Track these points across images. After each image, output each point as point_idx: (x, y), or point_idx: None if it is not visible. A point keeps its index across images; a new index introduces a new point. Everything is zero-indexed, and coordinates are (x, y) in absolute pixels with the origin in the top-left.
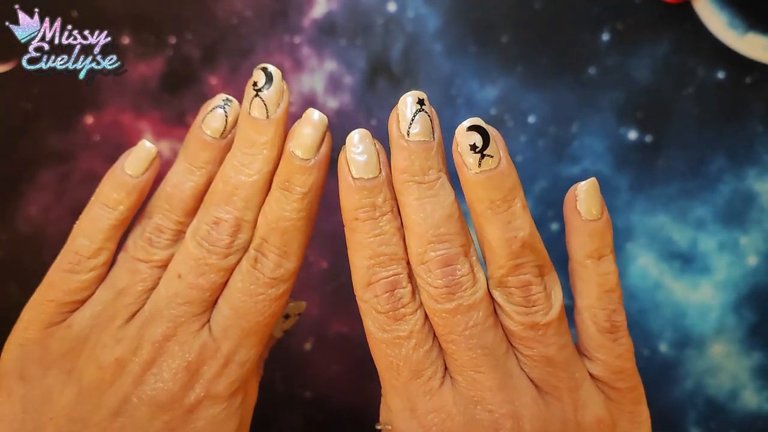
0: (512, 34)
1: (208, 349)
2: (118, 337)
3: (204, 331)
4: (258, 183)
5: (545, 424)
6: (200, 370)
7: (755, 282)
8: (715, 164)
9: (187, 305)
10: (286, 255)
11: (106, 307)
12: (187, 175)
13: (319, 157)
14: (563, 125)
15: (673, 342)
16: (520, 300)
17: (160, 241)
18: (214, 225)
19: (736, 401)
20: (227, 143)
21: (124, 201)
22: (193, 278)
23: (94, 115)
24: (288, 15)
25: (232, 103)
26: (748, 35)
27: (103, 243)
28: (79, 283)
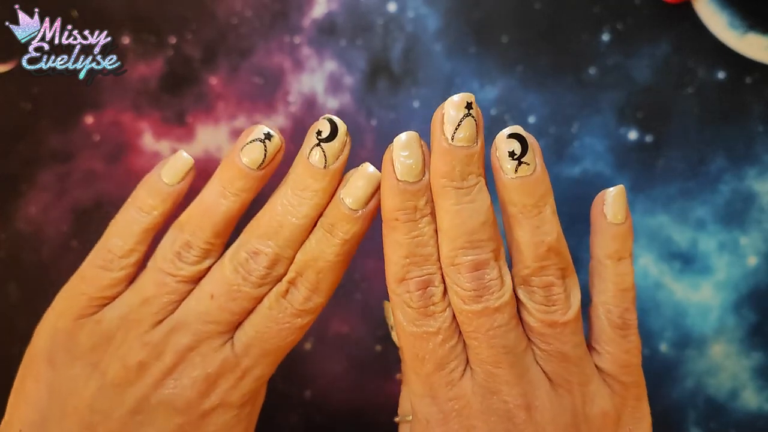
0: (512, 34)
1: (228, 363)
2: (144, 341)
3: (227, 346)
4: (303, 226)
5: (555, 414)
6: (218, 382)
7: (755, 282)
8: (715, 164)
9: (214, 324)
10: (316, 291)
11: (133, 311)
12: (221, 199)
13: (366, 210)
14: (563, 125)
15: (673, 342)
16: (541, 299)
17: (188, 257)
18: (253, 255)
19: (736, 401)
20: (264, 174)
21: (159, 207)
22: (224, 301)
23: (94, 115)
24: (288, 15)
25: (273, 139)
26: (748, 35)
27: (135, 245)
28: (110, 280)
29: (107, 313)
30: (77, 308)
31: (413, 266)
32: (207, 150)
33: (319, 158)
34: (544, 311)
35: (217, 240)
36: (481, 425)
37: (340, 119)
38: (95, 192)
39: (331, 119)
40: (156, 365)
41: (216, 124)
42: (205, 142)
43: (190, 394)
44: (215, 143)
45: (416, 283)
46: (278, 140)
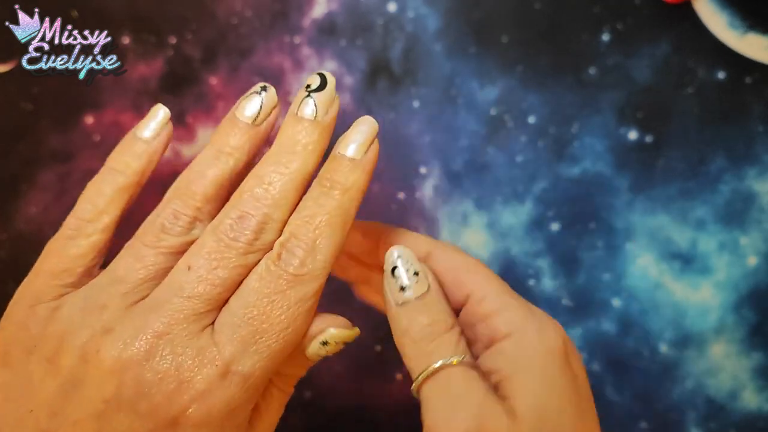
0: (512, 35)
1: (205, 354)
2: (107, 327)
3: (205, 333)
4: (294, 181)
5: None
6: (192, 380)
7: (755, 282)
8: (715, 164)
9: (191, 300)
10: (313, 252)
11: (100, 292)
12: (212, 161)
13: (366, 157)
14: (563, 125)
15: (673, 342)
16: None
17: (173, 227)
18: (239, 219)
19: (736, 401)
20: (260, 132)
21: (132, 164)
22: (204, 271)
23: (94, 115)
24: (288, 15)
25: (269, 90)
26: (748, 35)
27: (105, 206)
28: (76, 248)
29: (69, 298)
30: (34, 292)
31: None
32: None
33: (311, 110)
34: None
35: (205, 206)
36: None
37: (329, 73)
38: None
39: (321, 73)
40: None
41: (216, 124)
42: (206, 143)
43: (156, 395)
44: None
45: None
46: (273, 92)
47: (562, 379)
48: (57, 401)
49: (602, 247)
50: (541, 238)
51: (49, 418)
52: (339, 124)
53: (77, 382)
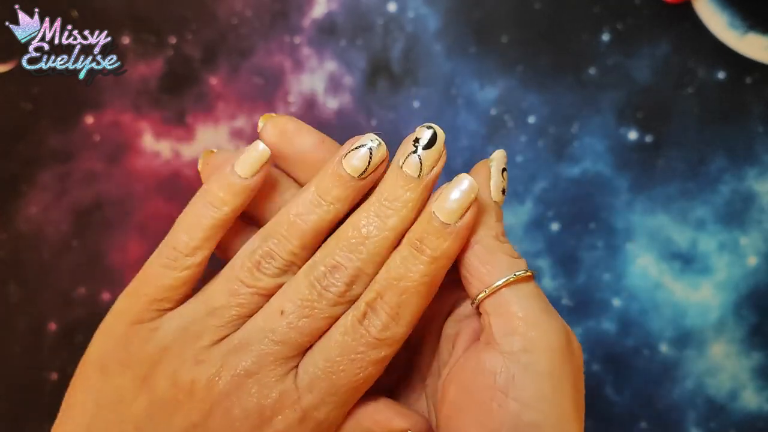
0: (512, 35)
1: (288, 397)
2: (200, 359)
3: (289, 377)
4: (389, 239)
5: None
6: (273, 419)
7: (755, 282)
8: (715, 164)
9: (280, 345)
10: (397, 318)
11: (195, 322)
12: (314, 207)
13: (460, 224)
14: (563, 125)
15: (673, 342)
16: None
17: (269, 267)
18: (332, 269)
19: (736, 401)
20: (363, 185)
21: (230, 202)
22: (295, 318)
23: (94, 115)
24: (288, 15)
25: (380, 147)
26: (748, 36)
27: (201, 242)
28: (173, 280)
29: (166, 321)
30: (135, 311)
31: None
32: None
33: (414, 167)
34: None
35: (302, 252)
36: None
37: (440, 128)
38: (95, 192)
39: (432, 127)
40: (208, 388)
41: (216, 124)
42: (205, 143)
43: (239, 428)
44: (215, 143)
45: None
46: (384, 149)
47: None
48: (145, 419)
49: (602, 247)
50: (542, 237)
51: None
52: (339, 125)
53: (166, 404)
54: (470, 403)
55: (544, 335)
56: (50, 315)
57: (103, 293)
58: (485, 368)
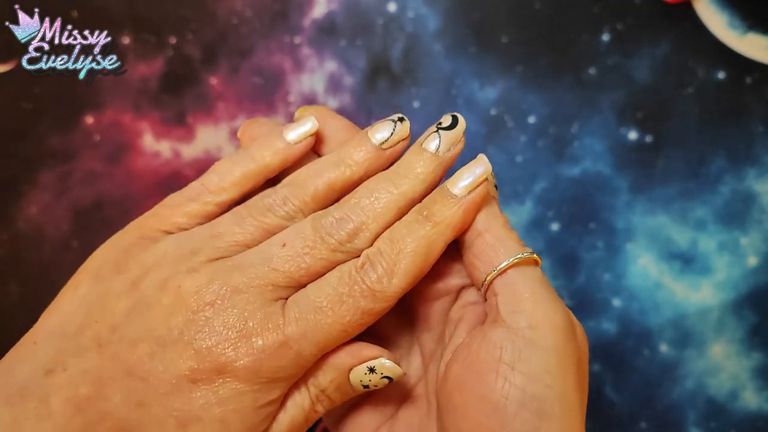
0: (512, 35)
1: (271, 321)
2: (193, 268)
3: (277, 304)
4: (397, 201)
5: None
6: (252, 338)
7: (755, 282)
8: (715, 165)
9: (275, 273)
10: (391, 273)
11: (196, 240)
12: (332, 167)
13: (467, 199)
14: (563, 125)
15: (673, 342)
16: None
17: (278, 209)
18: (339, 219)
19: (736, 401)
20: (382, 156)
21: (267, 159)
22: (295, 252)
23: (94, 115)
24: (288, 15)
25: (404, 123)
26: (748, 35)
27: (230, 185)
28: (191, 209)
29: (168, 237)
30: (145, 227)
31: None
32: (207, 150)
33: (435, 144)
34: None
35: (312, 203)
36: None
37: (462, 117)
38: (96, 192)
39: (455, 114)
40: (195, 296)
41: (216, 125)
42: (206, 143)
43: (217, 341)
44: (215, 143)
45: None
46: (408, 125)
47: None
48: (122, 318)
49: (602, 247)
50: (541, 238)
51: (108, 332)
52: None
53: (149, 305)
54: (474, 377)
55: (550, 314)
56: None
57: None
58: (492, 343)
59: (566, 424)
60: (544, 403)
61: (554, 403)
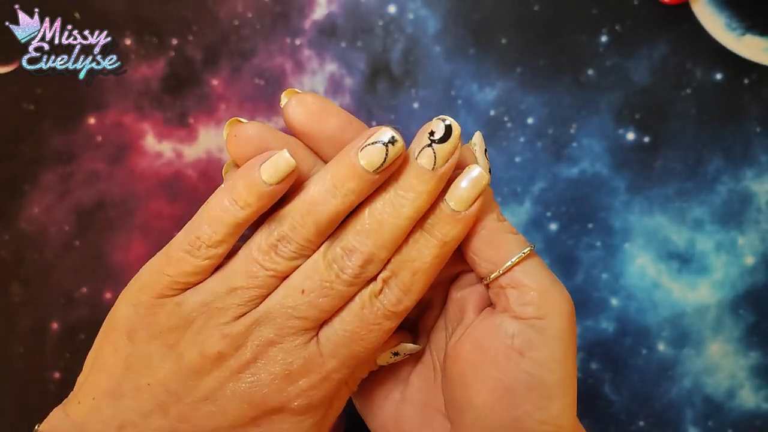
0: (511, 36)
1: (313, 362)
2: (224, 333)
3: (311, 344)
4: (403, 227)
5: None
6: (299, 380)
7: (753, 282)
8: (712, 165)
9: (301, 320)
10: (408, 293)
11: (217, 299)
12: (329, 197)
13: (468, 212)
14: (562, 126)
15: (671, 341)
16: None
17: (285, 251)
18: (348, 252)
19: (733, 400)
20: (378, 179)
21: (254, 204)
22: (315, 297)
23: (96, 116)
24: (289, 17)
25: (397, 144)
26: (746, 37)
27: (224, 236)
28: (194, 267)
29: (190, 297)
30: (159, 287)
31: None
32: (209, 151)
33: (428, 160)
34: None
35: (316, 239)
36: None
37: (455, 122)
38: (97, 192)
39: (445, 119)
40: (235, 357)
41: (218, 125)
42: (207, 144)
43: (268, 391)
44: (217, 144)
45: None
46: (401, 146)
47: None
48: (173, 382)
49: (600, 247)
50: (540, 237)
51: (166, 393)
52: None
53: (195, 372)
54: (486, 361)
55: (555, 303)
56: (52, 315)
57: (106, 293)
58: (503, 332)
59: (566, 402)
60: (549, 386)
61: (557, 386)
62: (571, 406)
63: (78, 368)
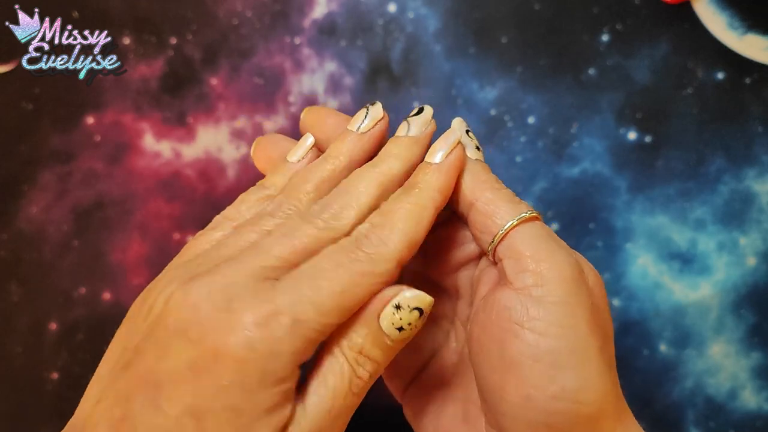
0: (512, 35)
1: (259, 295)
2: (193, 275)
3: (267, 281)
4: (376, 180)
5: None
6: (242, 313)
7: (754, 282)
8: (714, 165)
9: (264, 254)
10: (386, 238)
11: (200, 255)
12: (320, 164)
13: (446, 161)
14: (563, 126)
15: (672, 342)
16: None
17: (276, 213)
18: (324, 205)
19: (735, 401)
20: (363, 138)
21: (278, 183)
22: (282, 234)
23: (94, 115)
24: (288, 16)
25: (376, 105)
26: (748, 36)
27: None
28: (208, 241)
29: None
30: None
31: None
32: (208, 150)
33: (404, 130)
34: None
35: (307, 201)
36: None
37: (429, 106)
38: (96, 192)
39: (421, 107)
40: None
41: (217, 125)
42: (206, 143)
43: (207, 322)
44: (216, 144)
45: None
46: (380, 108)
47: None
48: (140, 337)
49: (602, 247)
50: None
51: (133, 353)
52: None
53: (158, 317)
54: (490, 338)
55: (553, 268)
56: (51, 315)
57: (104, 293)
58: (501, 305)
59: (582, 373)
60: (557, 355)
61: (568, 354)
62: (594, 379)
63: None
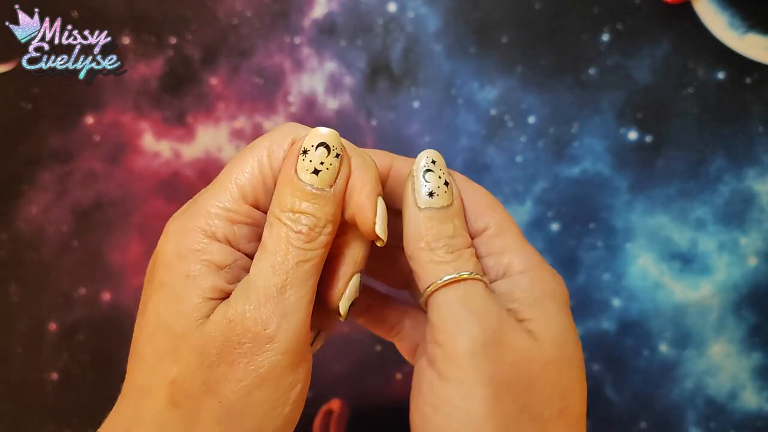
0: (512, 35)
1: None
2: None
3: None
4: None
5: None
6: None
7: (755, 282)
8: (714, 164)
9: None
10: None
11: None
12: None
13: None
14: (563, 126)
15: (673, 342)
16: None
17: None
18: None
19: (735, 401)
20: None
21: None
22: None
23: (94, 115)
24: (288, 15)
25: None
26: (748, 36)
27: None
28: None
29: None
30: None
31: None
32: (207, 150)
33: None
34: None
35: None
36: None
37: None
38: (95, 192)
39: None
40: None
41: (216, 125)
42: (206, 143)
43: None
44: (215, 143)
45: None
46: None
47: (572, 320)
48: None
49: (602, 247)
50: (541, 237)
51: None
52: (339, 125)
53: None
54: (417, 390)
55: (452, 342)
56: (50, 315)
57: (104, 293)
58: (419, 366)
59: None
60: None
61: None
62: None
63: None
